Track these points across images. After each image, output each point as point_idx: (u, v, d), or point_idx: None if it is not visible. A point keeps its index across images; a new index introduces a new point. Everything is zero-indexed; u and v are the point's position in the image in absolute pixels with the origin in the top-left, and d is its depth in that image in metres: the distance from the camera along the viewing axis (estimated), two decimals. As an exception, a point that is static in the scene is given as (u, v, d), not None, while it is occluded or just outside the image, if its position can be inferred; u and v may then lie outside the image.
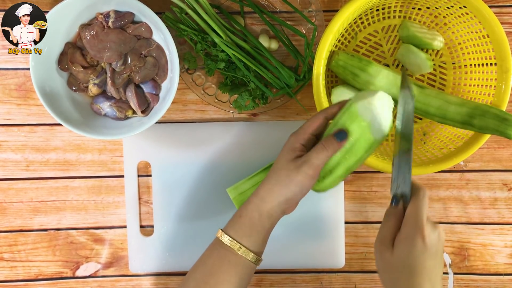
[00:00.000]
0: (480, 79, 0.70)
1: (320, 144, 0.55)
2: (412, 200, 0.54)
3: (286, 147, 0.58)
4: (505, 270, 0.78)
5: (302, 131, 0.58)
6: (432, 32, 0.72)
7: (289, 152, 0.57)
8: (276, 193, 0.57)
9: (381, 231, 0.56)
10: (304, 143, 0.57)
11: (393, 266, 0.54)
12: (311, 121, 0.57)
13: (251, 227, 0.57)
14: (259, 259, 0.58)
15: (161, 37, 0.69)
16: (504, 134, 0.63)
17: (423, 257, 0.52)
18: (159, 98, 0.71)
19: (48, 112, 0.66)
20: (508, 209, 0.78)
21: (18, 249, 0.77)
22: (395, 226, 0.55)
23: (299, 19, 0.73)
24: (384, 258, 0.55)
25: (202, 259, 0.60)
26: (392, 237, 0.54)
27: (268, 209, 0.57)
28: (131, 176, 0.76)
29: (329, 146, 0.54)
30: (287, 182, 0.56)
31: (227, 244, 0.57)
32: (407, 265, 0.52)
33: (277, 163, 0.58)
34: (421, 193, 0.54)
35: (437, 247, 0.53)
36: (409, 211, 0.54)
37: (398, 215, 0.55)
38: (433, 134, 0.73)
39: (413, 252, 0.52)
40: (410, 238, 0.52)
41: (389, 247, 0.54)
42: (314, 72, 0.65)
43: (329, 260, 0.77)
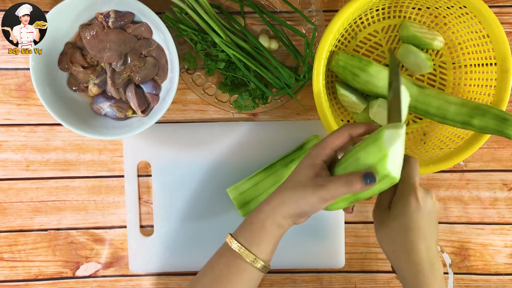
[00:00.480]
0: (480, 79, 0.70)
1: (344, 179, 0.53)
2: (404, 166, 0.56)
3: (307, 162, 0.57)
4: (505, 270, 0.78)
5: (324, 146, 0.57)
6: (432, 32, 0.72)
7: (309, 168, 0.56)
8: (287, 207, 0.56)
9: (378, 199, 0.61)
10: (325, 159, 0.56)
11: (391, 227, 0.58)
12: (335, 136, 0.57)
13: (261, 235, 0.57)
14: (266, 267, 0.58)
15: (161, 37, 0.69)
16: (504, 134, 0.63)
17: (417, 215, 0.56)
18: (159, 98, 0.71)
19: (48, 112, 0.66)
20: (508, 209, 0.78)
21: (18, 249, 0.77)
22: (390, 193, 0.59)
23: (299, 19, 0.73)
24: (382, 221, 0.59)
25: (210, 265, 0.60)
26: (389, 201, 0.59)
27: (280, 220, 0.57)
28: (131, 176, 0.76)
29: (353, 184, 0.53)
30: (300, 199, 0.55)
31: (236, 250, 0.57)
32: (403, 223, 0.56)
33: (296, 175, 0.57)
34: (412, 160, 0.57)
35: (431, 209, 0.57)
36: (402, 176, 0.56)
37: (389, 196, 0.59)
38: (433, 134, 0.73)
39: (408, 210, 0.56)
40: (404, 198, 0.57)
41: (386, 209, 0.59)
42: (314, 72, 0.65)
43: (329, 260, 0.77)
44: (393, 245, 0.58)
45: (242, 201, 0.71)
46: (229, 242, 0.58)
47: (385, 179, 0.52)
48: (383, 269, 0.78)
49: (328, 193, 0.54)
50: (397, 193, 0.58)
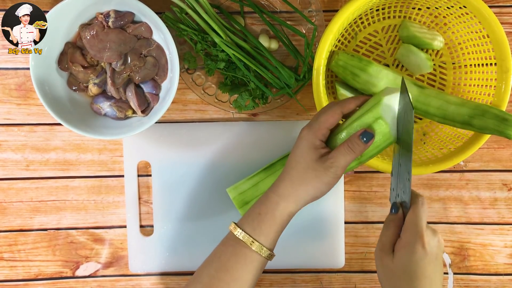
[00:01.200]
0: (480, 79, 0.70)
1: (346, 145, 0.55)
2: (411, 207, 0.55)
3: (306, 145, 0.57)
4: (505, 270, 0.78)
5: (318, 126, 0.57)
6: (432, 32, 0.72)
7: (312, 151, 0.56)
8: (303, 193, 0.57)
9: (381, 239, 0.57)
10: (323, 140, 0.57)
11: (394, 272, 0.54)
12: (328, 114, 0.57)
13: (271, 225, 0.57)
14: (272, 255, 0.59)
15: (161, 37, 0.69)
16: (504, 134, 0.63)
17: (423, 263, 0.53)
18: (159, 98, 0.71)
19: (48, 112, 0.66)
20: (508, 209, 0.78)
21: (18, 249, 0.77)
22: (395, 233, 0.56)
23: (299, 19, 0.73)
24: (385, 265, 0.55)
25: (217, 254, 0.60)
26: (392, 244, 0.55)
27: (291, 207, 0.57)
28: (131, 176, 0.76)
29: (355, 147, 0.54)
30: (315, 182, 0.56)
31: (243, 240, 0.57)
32: (408, 271, 0.53)
33: (299, 161, 0.57)
34: (420, 201, 0.55)
35: (437, 253, 0.54)
36: (408, 218, 0.54)
37: (398, 222, 0.56)
38: (433, 134, 0.73)
39: (414, 259, 0.53)
40: (410, 245, 0.53)
41: (390, 254, 0.55)
42: (314, 72, 0.65)
43: (329, 260, 0.77)
44: None
45: (242, 201, 0.71)
46: (234, 231, 0.58)
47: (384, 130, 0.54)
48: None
49: (339, 167, 0.55)
50: (402, 237, 0.55)
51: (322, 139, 0.57)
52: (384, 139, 0.55)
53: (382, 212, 0.78)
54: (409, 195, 0.55)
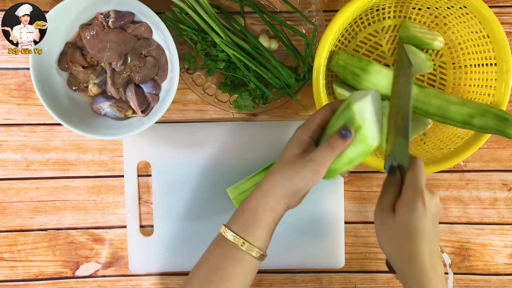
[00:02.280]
0: (480, 79, 0.70)
1: (326, 143, 0.55)
2: (410, 168, 0.56)
3: (293, 140, 0.58)
4: (505, 270, 0.78)
5: (308, 124, 0.58)
6: (432, 32, 0.72)
7: (296, 145, 0.57)
8: (279, 186, 0.57)
9: (381, 200, 0.58)
10: (311, 135, 0.57)
11: (395, 230, 0.56)
12: (318, 112, 0.58)
13: (254, 221, 0.57)
14: (263, 255, 0.58)
15: (161, 37, 0.69)
16: (504, 134, 0.63)
17: (423, 220, 0.54)
18: (159, 98, 0.71)
19: (48, 112, 0.66)
20: (508, 209, 0.78)
21: (18, 249, 0.77)
22: (395, 193, 0.57)
23: (299, 19, 0.73)
24: (385, 223, 0.57)
25: (206, 256, 0.60)
26: (393, 203, 0.57)
27: (272, 203, 0.57)
28: (131, 176, 0.76)
29: (335, 144, 0.55)
30: (292, 176, 0.56)
31: (231, 240, 0.57)
32: (409, 228, 0.55)
33: (283, 156, 0.58)
34: (418, 161, 0.56)
35: (435, 212, 0.56)
36: (409, 177, 0.56)
37: (397, 183, 0.57)
38: (433, 134, 0.73)
39: (414, 215, 0.54)
40: (411, 202, 0.54)
41: (391, 212, 0.56)
42: (314, 72, 0.65)
43: (329, 260, 0.77)
44: (398, 250, 0.56)
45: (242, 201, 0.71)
46: (223, 232, 0.58)
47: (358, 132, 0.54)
48: (383, 269, 0.78)
49: (317, 162, 0.55)
50: (402, 196, 0.56)
51: (310, 135, 0.57)
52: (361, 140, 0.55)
53: (382, 212, 0.78)
54: (407, 157, 0.56)
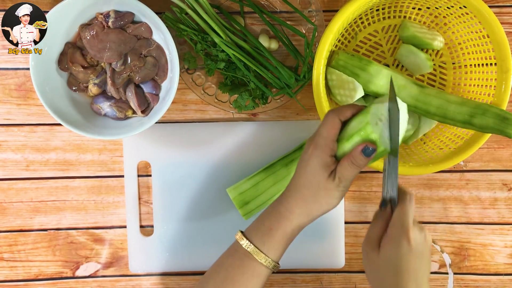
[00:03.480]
0: (480, 79, 0.70)
1: (349, 161, 0.54)
2: (399, 203, 0.56)
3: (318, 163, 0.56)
4: (505, 270, 0.78)
5: (324, 142, 0.56)
6: (432, 32, 0.72)
7: (323, 169, 0.56)
8: (316, 210, 0.57)
9: (369, 233, 0.58)
10: (333, 154, 0.56)
11: (379, 266, 0.55)
12: (329, 126, 0.56)
13: (281, 241, 0.58)
14: (277, 266, 0.59)
15: (161, 37, 0.69)
16: (505, 133, 0.63)
17: (407, 257, 0.54)
18: (159, 98, 0.71)
19: (48, 112, 0.66)
20: (508, 209, 0.78)
21: (18, 249, 0.77)
22: (382, 228, 0.56)
23: (299, 19, 0.73)
24: (370, 258, 0.56)
25: (224, 265, 0.60)
26: (379, 238, 0.56)
27: (302, 224, 0.58)
28: (131, 176, 0.76)
29: (358, 162, 0.54)
30: (328, 198, 0.56)
31: (249, 251, 0.58)
32: (393, 265, 0.54)
33: (312, 181, 0.56)
34: (408, 197, 0.55)
35: (423, 249, 0.55)
36: (395, 214, 0.55)
37: (386, 217, 0.57)
38: (433, 134, 0.73)
39: (399, 253, 0.54)
40: (396, 239, 0.54)
41: (376, 248, 0.56)
42: (314, 72, 0.65)
43: (329, 260, 0.77)
44: (382, 285, 0.56)
45: (242, 201, 0.71)
46: (241, 241, 0.59)
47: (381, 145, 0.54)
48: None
49: (348, 181, 0.56)
50: (388, 232, 0.55)
51: (332, 154, 0.56)
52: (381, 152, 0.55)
53: (382, 212, 0.78)
54: (396, 191, 0.56)
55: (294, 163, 0.72)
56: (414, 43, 0.72)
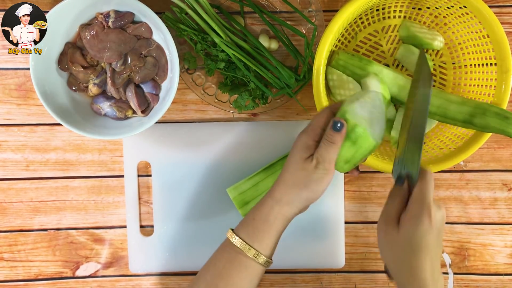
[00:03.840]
0: (480, 79, 0.70)
1: (324, 139, 0.55)
2: (420, 180, 0.55)
3: (299, 146, 0.57)
4: (505, 270, 0.78)
5: (312, 128, 0.57)
6: (432, 32, 0.72)
7: (303, 150, 0.56)
8: (295, 195, 0.56)
9: (386, 210, 0.57)
10: (317, 139, 0.57)
11: (399, 243, 0.55)
12: (320, 116, 0.58)
13: (265, 230, 0.57)
14: (269, 262, 0.58)
15: (161, 37, 0.69)
16: (506, 133, 0.63)
17: (428, 235, 0.53)
18: (159, 98, 0.71)
19: (48, 112, 0.66)
20: (508, 209, 0.78)
21: (18, 249, 0.77)
22: (401, 205, 0.56)
23: (299, 19, 0.73)
24: (389, 235, 0.56)
25: (212, 261, 0.60)
26: (398, 215, 0.56)
27: (285, 211, 0.57)
28: (131, 176, 0.76)
29: (332, 138, 0.55)
30: (307, 182, 0.56)
31: (238, 246, 0.57)
32: (413, 243, 0.54)
33: (292, 163, 0.57)
34: (428, 174, 0.55)
35: (441, 227, 0.55)
36: (417, 191, 0.54)
37: (404, 194, 0.56)
38: (433, 134, 0.73)
39: (419, 231, 0.53)
40: (417, 217, 0.53)
41: (395, 225, 0.55)
42: (314, 72, 0.65)
43: (329, 260, 0.77)
44: (399, 262, 0.56)
45: (242, 201, 0.71)
46: (231, 238, 0.58)
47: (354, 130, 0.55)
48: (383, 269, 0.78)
49: (325, 161, 0.55)
50: (408, 209, 0.55)
51: (316, 139, 0.57)
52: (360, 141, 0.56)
53: (382, 212, 0.78)
54: (418, 167, 0.55)
55: (294, 163, 0.72)
56: (414, 43, 0.72)
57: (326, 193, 0.76)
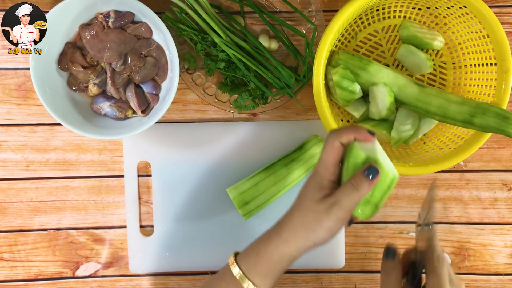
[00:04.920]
0: (480, 79, 0.70)
1: (350, 184, 0.50)
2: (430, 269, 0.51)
3: (313, 184, 0.52)
4: (505, 270, 0.78)
5: (323, 165, 0.52)
6: (432, 32, 0.72)
7: (316, 190, 0.52)
8: (302, 237, 0.52)
9: None
10: (332, 179, 0.52)
11: None
12: (327, 151, 0.52)
13: (268, 268, 0.54)
14: None
15: (161, 37, 0.69)
16: (505, 133, 0.63)
17: None
18: (159, 98, 0.71)
19: (48, 112, 0.66)
20: (508, 209, 0.78)
21: (18, 249, 0.77)
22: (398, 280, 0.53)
23: (299, 19, 0.73)
24: None
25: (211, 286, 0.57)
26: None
27: (291, 253, 0.53)
28: (131, 176, 0.76)
29: (359, 184, 0.49)
30: (315, 226, 0.51)
31: (238, 278, 0.54)
32: None
33: (303, 201, 0.53)
34: (441, 262, 0.51)
35: None
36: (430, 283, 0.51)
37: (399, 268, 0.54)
38: (433, 134, 0.73)
39: None
40: None
41: None
42: (314, 72, 0.65)
43: (329, 260, 0.77)
44: None
45: (242, 201, 0.71)
46: (232, 265, 0.55)
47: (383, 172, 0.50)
48: (383, 269, 0.78)
49: (341, 208, 0.50)
50: None
51: (331, 178, 0.52)
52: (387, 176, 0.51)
53: (382, 212, 0.78)
54: None
55: (294, 163, 0.72)
56: (414, 43, 0.72)
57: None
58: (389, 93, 0.67)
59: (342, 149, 0.52)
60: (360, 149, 0.50)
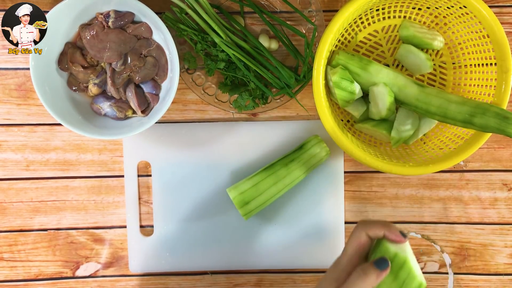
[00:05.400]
0: (480, 79, 0.70)
1: (360, 270, 0.50)
2: None
3: (330, 276, 0.52)
4: (505, 270, 0.78)
5: (348, 257, 0.52)
6: (432, 32, 0.72)
7: (331, 283, 0.51)
8: None
9: None
10: None
11: None
12: (356, 242, 0.52)
13: None
14: None
15: (161, 37, 0.69)
16: (505, 133, 0.63)
17: None
18: (159, 98, 0.71)
19: (48, 112, 0.66)
20: (508, 209, 0.78)
21: (18, 249, 0.77)
22: None
23: (299, 19, 0.73)
24: None
25: None
26: None
27: None
28: (131, 176, 0.76)
29: (368, 274, 0.49)
30: None
31: None
32: None
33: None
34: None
35: None
36: None
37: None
38: (433, 134, 0.73)
39: None
40: None
41: None
42: (314, 72, 0.65)
43: (329, 260, 0.76)
44: None
45: (242, 201, 0.71)
46: None
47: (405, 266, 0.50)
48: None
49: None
50: None
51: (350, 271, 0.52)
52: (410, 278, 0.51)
53: (382, 212, 0.78)
54: None
55: (294, 163, 0.72)
56: (414, 43, 0.72)
57: (326, 193, 0.76)
58: (389, 93, 0.67)
59: (369, 243, 0.52)
60: (390, 244, 0.50)
